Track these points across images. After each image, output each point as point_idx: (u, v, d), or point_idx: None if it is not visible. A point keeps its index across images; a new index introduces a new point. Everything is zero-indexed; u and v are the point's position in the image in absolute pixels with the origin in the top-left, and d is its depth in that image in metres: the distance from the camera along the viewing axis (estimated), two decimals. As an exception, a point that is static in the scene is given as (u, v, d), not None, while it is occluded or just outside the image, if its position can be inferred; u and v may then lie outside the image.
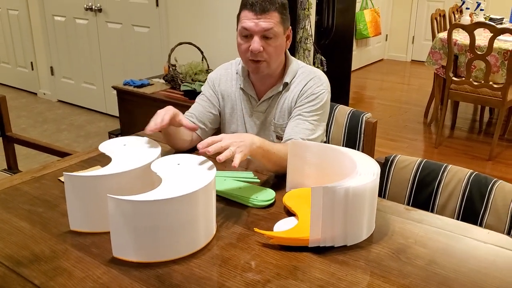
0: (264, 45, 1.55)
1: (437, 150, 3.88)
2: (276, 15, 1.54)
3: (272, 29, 1.53)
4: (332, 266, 1.09)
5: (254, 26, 1.53)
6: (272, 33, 1.54)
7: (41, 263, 1.10)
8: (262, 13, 1.52)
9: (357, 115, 1.92)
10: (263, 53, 1.55)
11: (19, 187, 1.46)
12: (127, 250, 1.10)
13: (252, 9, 1.53)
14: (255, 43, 1.54)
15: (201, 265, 1.09)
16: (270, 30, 1.53)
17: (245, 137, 1.34)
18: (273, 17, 1.54)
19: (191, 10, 3.65)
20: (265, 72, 1.62)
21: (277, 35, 1.55)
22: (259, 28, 1.53)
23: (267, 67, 1.60)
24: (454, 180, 1.45)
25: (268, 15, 1.53)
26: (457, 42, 3.82)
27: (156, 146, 1.37)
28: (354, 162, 1.23)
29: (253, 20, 1.53)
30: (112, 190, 1.16)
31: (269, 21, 1.53)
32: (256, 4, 1.52)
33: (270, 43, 1.55)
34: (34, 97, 5.22)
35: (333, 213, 1.12)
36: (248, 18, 1.54)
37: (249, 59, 1.59)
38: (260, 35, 1.54)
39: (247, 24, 1.54)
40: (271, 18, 1.53)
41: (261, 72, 1.61)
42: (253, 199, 1.33)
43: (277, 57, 1.61)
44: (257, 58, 1.57)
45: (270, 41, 1.55)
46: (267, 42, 1.55)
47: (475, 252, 1.15)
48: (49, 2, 4.65)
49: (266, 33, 1.53)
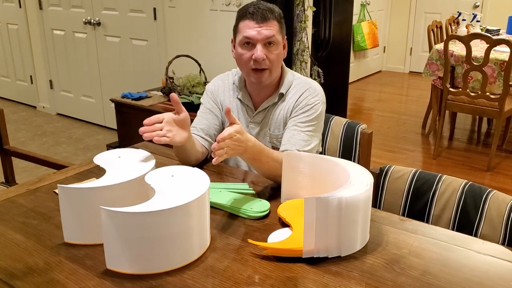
0: (266, 53, 1.57)
1: (436, 161, 3.88)
2: (276, 23, 1.58)
3: (274, 36, 1.56)
4: (325, 277, 1.09)
5: (256, 34, 1.55)
6: (274, 40, 1.57)
7: (35, 276, 1.09)
8: (263, 21, 1.55)
9: (352, 126, 1.93)
10: (266, 61, 1.57)
11: (15, 199, 1.46)
12: (120, 262, 1.10)
13: (253, 18, 1.55)
14: (259, 51, 1.55)
15: (195, 277, 1.09)
16: (272, 37, 1.56)
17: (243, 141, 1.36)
18: (273, 25, 1.57)
19: (189, 23, 3.68)
20: (267, 81, 1.63)
21: (277, 42, 1.59)
22: (262, 36, 1.55)
23: (269, 76, 1.61)
24: (448, 190, 1.45)
25: (269, 23, 1.56)
26: (453, 53, 3.84)
27: (151, 158, 1.37)
28: (348, 173, 1.23)
29: (255, 28, 1.55)
30: (106, 202, 1.16)
31: (270, 28, 1.56)
32: (257, 13, 1.55)
33: (272, 51, 1.58)
34: (34, 111, 5.23)
35: (327, 224, 1.12)
36: (249, 27, 1.55)
37: (251, 68, 1.60)
38: (263, 43, 1.56)
39: (249, 33, 1.55)
40: (272, 26, 1.56)
41: (263, 81, 1.62)
42: (248, 210, 1.33)
43: (278, 65, 1.63)
44: (261, 67, 1.58)
45: (272, 49, 1.58)
46: (269, 50, 1.57)
47: (469, 262, 1.15)
48: (48, 16, 4.69)
49: (269, 40, 1.56)
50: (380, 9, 6.61)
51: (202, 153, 1.65)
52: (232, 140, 1.31)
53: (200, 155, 1.64)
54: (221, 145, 1.28)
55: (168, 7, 3.75)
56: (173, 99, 1.41)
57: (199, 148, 1.64)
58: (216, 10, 3.49)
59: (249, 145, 1.38)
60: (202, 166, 1.66)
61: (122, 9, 4.08)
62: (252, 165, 1.49)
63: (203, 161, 1.70)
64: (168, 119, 1.41)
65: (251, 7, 1.57)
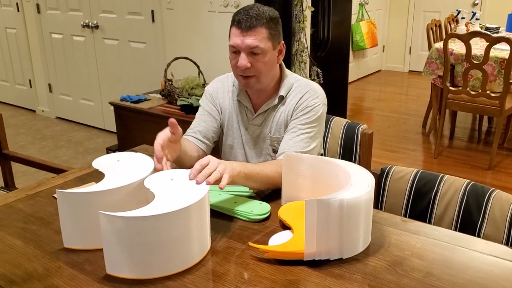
0: (252, 61, 1.54)
1: (437, 160, 3.87)
2: (264, 31, 1.53)
3: (257, 46, 1.52)
4: (327, 279, 1.07)
5: (240, 43, 1.53)
6: (259, 50, 1.53)
7: (34, 281, 1.08)
8: (248, 30, 1.52)
9: (353, 126, 1.91)
10: (251, 69, 1.55)
11: (13, 204, 1.45)
12: (120, 266, 1.09)
13: (238, 26, 1.53)
14: (242, 60, 1.54)
15: (195, 281, 1.07)
16: (256, 48, 1.53)
17: (226, 163, 1.34)
18: (260, 33, 1.53)
19: (187, 25, 3.67)
20: (256, 87, 1.62)
21: (264, 51, 1.54)
22: (245, 45, 1.53)
23: (257, 82, 1.60)
24: (451, 190, 1.44)
25: (254, 31, 1.52)
26: (453, 52, 3.83)
27: (150, 162, 1.36)
28: (349, 174, 1.22)
29: (240, 37, 1.53)
30: (105, 206, 1.15)
31: (254, 38, 1.52)
32: (242, 21, 1.52)
33: (258, 59, 1.55)
34: (33, 114, 5.23)
35: (328, 226, 1.11)
36: (235, 35, 1.54)
37: (239, 74, 1.59)
38: (247, 51, 1.54)
39: (234, 41, 1.54)
40: (257, 35, 1.52)
41: (251, 87, 1.61)
42: (248, 213, 1.32)
43: (267, 73, 1.60)
44: (245, 74, 1.57)
45: (258, 57, 1.55)
46: (255, 58, 1.55)
47: (472, 263, 1.14)
48: (47, 20, 4.68)
49: (253, 50, 1.53)
50: (378, 9, 6.60)
51: (198, 156, 1.64)
52: (214, 159, 1.29)
53: (195, 159, 1.62)
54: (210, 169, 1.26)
55: (166, 9, 3.74)
56: (171, 122, 1.37)
57: (194, 153, 1.62)
58: (214, 11, 3.48)
59: (229, 163, 1.36)
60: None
61: (120, 11, 4.07)
62: (248, 186, 1.46)
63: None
64: (166, 144, 1.37)
65: (241, 13, 1.54)
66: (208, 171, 1.25)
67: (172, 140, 1.39)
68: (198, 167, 1.26)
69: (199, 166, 1.26)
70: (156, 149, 1.33)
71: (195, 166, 1.26)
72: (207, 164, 1.27)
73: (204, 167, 1.26)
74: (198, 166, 1.26)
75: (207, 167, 1.26)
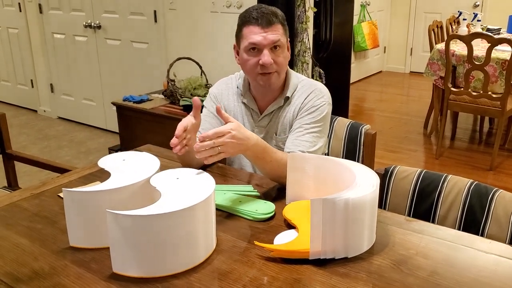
0: (273, 57, 1.56)
1: (438, 161, 3.88)
2: (280, 26, 1.58)
3: (280, 40, 1.56)
4: (333, 278, 1.08)
5: (263, 39, 1.54)
6: (280, 43, 1.57)
7: (41, 280, 1.09)
8: (268, 26, 1.54)
9: (356, 127, 1.92)
10: (273, 65, 1.57)
11: (19, 204, 1.46)
12: (127, 265, 1.09)
13: (257, 23, 1.54)
14: (266, 56, 1.54)
15: (201, 279, 1.08)
16: (278, 42, 1.56)
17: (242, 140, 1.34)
18: (278, 28, 1.57)
19: (189, 25, 3.68)
20: (276, 83, 1.63)
21: (283, 45, 1.59)
22: (268, 41, 1.54)
23: (277, 78, 1.61)
24: (454, 190, 1.45)
25: (274, 27, 1.55)
26: (455, 53, 3.84)
27: (155, 161, 1.37)
28: (354, 174, 1.23)
29: (261, 34, 1.54)
30: (111, 205, 1.16)
31: (276, 33, 1.55)
32: (262, 17, 1.54)
33: (279, 54, 1.58)
34: (35, 114, 5.23)
35: (333, 225, 1.11)
36: (255, 33, 1.54)
37: (259, 73, 1.59)
38: (269, 47, 1.55)
39: (255, 39, 1.54)
40: (277, 30, 1.56)
41: (272, 83, 1.62)
42: (253, 212, 1.33)
43: (285, 67, 1.64)
44: (269, 71, 1.58)
45: (278, 52, 1.58)
46: (275, 54, 1.57)
47: (476, 262, 1.14)
48: (49, 20, 4.69)
49: (275, 44, 1.55)
50: (380, 10, 6.61)
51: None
52: (228, 137, 1.30)
53: (199, 159, 1.63)
54: (214, 143, 1.27)
55: (168, 10, 3.75)
56: (195, 103, 1.41)
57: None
58: (216, 12, 3.48)
59: (251, 143, 1.37)
60: (206, 169, 1.65)
61: (122, 12, 4.08)
62: (255, 164, 1.48)
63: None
64: (192, 127, 1.40)
65: (254, 11, 1.56)
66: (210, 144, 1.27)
67: (194, 126, 1.41)
68: (211, 134, 1.27)
69: (212, 133, 1.27)
70: (178, 128, 1.35)
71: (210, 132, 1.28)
72: (220, 134, 1.28)
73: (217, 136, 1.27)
74: (211, 133, 1.27)
75: (216, 139, 1.27)
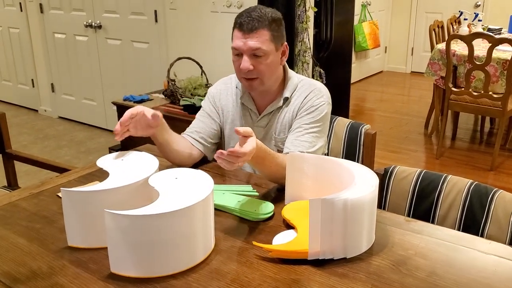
0: (254, 63, 1.55)
1: (439, 161, 3.87)
2: (266, 33, 1.53)
3: (260, 48, 1.52)
4: (331, 279, 1.08)
5: (242, 45, 1.53)
6: (261, 52, 1.53)
7: (38, 280, 1.09)
8: (250, 32, 1.52)
9: (356, 127, 1.92)
10: (254, 71, 1.55)
11: (18, 203, 1.46)
12: (125, 265, 1.09)
13: (240, 29, 1.53)
14: (244, 62, 1.54)
15: (200, 280, 1.08)
16: (258, 50, 1.53)
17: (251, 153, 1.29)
18: (262, 35, 1.52)
19: (190, 25, 3.67)
20: (259, 89, 1.62)
21: (267, 53, 1.54)
22: (247, 47, 1.53)
23: (260, 84, 1.60)
24: (454, 190, 1.44)
25: (257, 33, 1.52)
26: (455, 53, 3.83)
27: (154, 160, 1.37)
28: (353, 174, 1.22)
29: (242, 39, 1.53)
30: (109, 205, 1.16)
31: (257, 40, 1.52)
32: (244, 23, 1.52)
33: (261, 61, 1.55)
34: (35, 114, 5.23)
35: (332, 226, 1.11)
36: (238, 38, 1.54)
37: (242, 77, 1.60)
38: (249, 54, 1.54)
39: (236, 44, 1.54)
40: (259, 37, 1.52)
41: (254, 89, 1.62)
42: (252, 212, 1.32)
43: (270, 75, 1.60)
44: (248, 76, 1.57)
45: (261, 59, 1.55)
46: (257, 61, 1.55)
47: (476, 263, 1.14)
48: (50, 19, 4.69)
49: (255, 52, 1.53)
50: (381, 9, 6.60)
51: (191, 154, 1.64)
52: (242, 161, 1.26)
53: (186, 156, 1.63)
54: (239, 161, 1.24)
55: (169, 9, 3.75)
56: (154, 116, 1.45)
57: (185, 150, 1.62)
58: (217, 12, 3.48)
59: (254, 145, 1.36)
60: (205, 168, 1.65)
61: (123, 11, 4.08)
62: (255, 168, 1.48)
63: (206, 163, 1.70)
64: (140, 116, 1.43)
65: (243, 15, 1.54)
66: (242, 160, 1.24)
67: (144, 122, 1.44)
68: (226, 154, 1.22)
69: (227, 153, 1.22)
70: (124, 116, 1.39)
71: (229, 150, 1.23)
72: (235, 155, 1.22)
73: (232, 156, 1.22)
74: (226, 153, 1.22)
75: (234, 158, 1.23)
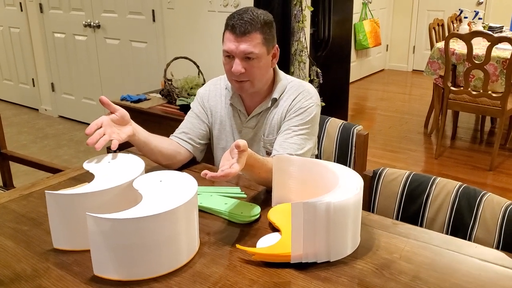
0: (246, 66, 1.54)
1: (437, 160, 3.85)
2: (258, 36, 1.53)
3: (252, 52, 1.52)
4: (313, 282, 1.07)
5: (234, 48, 1.53)
6: (253, 55, 1.53)
7: (22, 282, 1.09)
8: (242, 35, 1.51)
9: (348, 127, 1.91)
10: (245, 74, 1.55)
11: (6, 205, 1.46)
12: (107, 268, 1.09)
13: (233, 32, 1.52)
14: (236, 65, 1.53)
15: (181, 283, 1.08)
16: (251, 53, 1.52)
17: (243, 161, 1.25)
18: (254, 38, 1.52)
19: (187, 25, 3.67)
20: (250, 91, 1.62)
21: (259, 56, 1.54)
22: (239, 50, 1.52)
23: (251, 87, 1.60)
24: (443, 192, 1.43)
25: (249, 37, 1.51)
26: (455, 52, 3.81)
27: (140, 163, 1.36)
28: (337, 176, 1.22)
29: (234, 42, 1.52)
30: (94, 207, 1.16)
31: (249, 43, 1.51)
32: (237, 26, 1.51)
33: (253, 64, 1.54)
34: (36, 113, 5.25)
35: (315, 229, 1.10)
36: (229, 40, 1.53)
37: (232, 79, 1.59)
38: (241, 57, 1.53)
39: (228, 47, 1.54)
40: (251, 40, 1.52)
41: (245, 91, 1.61)
42: (238, 214, 1.32)
43: (261, 77, 1.60)
44: (240, 79, 1.57)
45: (252, 62, 1.54)
46: (249, 63, 1.54)
47: (461, 267, 1.13)
48: (49, 19, 4.70)
49: (247, 55, 1.53)
50: (382, 7, 6.58)
51: (180, 154, 1.64)
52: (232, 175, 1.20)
53: (172, 156, 1.62)
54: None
55: (166, 9, 3.75)
56: (102, 102, 1.41)
57: (171, 148, 1.62)
58: (214, 11, 3.48)
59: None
60: (194, 170, 1.65)
61: (121, 11, 4.08)
62: (244, 174, 1.46)
63: (195, 164, 1.70)
64: (107, 122, 1.40)
65: (235, 17, 1.53)
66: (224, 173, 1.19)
67: (116, 120, 1.42)
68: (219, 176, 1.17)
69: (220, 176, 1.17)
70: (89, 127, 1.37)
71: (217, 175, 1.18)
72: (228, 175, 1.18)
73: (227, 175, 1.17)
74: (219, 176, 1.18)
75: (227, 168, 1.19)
